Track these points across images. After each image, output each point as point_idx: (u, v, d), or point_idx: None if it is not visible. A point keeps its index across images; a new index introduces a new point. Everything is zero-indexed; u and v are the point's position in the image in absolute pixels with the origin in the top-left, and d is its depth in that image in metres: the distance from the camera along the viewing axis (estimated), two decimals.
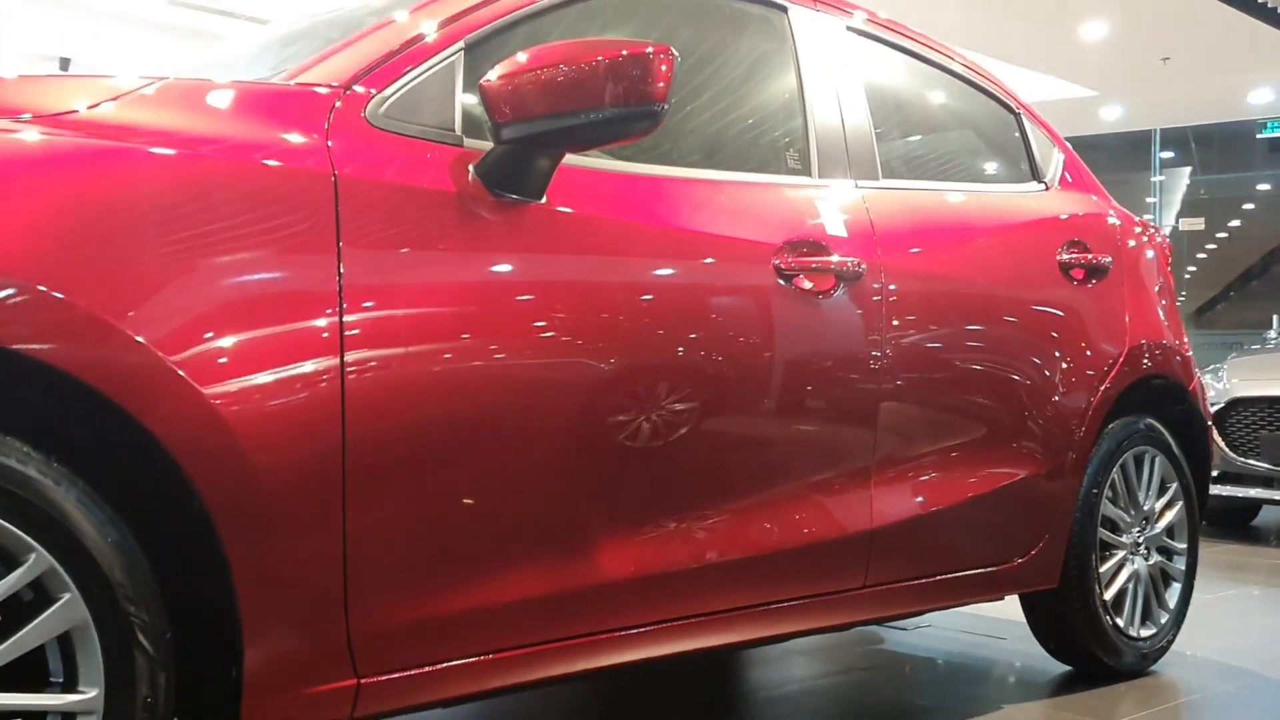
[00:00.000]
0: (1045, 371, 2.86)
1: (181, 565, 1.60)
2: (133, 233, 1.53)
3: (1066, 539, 2.93)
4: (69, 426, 1.52)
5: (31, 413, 1.48)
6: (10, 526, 1.40)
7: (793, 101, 2.54)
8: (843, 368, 2.39)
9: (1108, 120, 16.63)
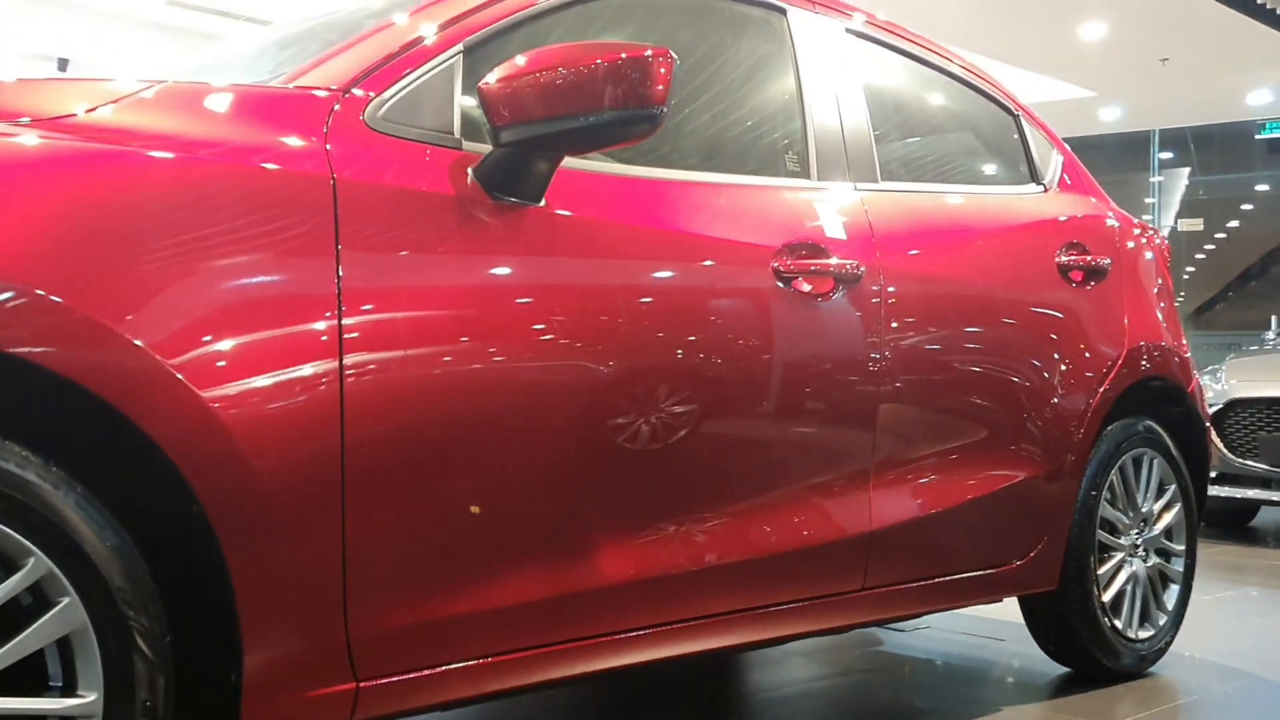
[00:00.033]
0: (1044, 373, 2.86)
1: (181, 569, 1.60)
2: (131, 236, 1.52)
3: (1065, 541, 2.93)
4: (68, 431, 1.51)
5: (30, 417, 1.48)
6: (9, 531, 1.40)
7: (792, 104, 2.54)
8: (842, 370, 2.39)
9: (1106, 121, 16.64)
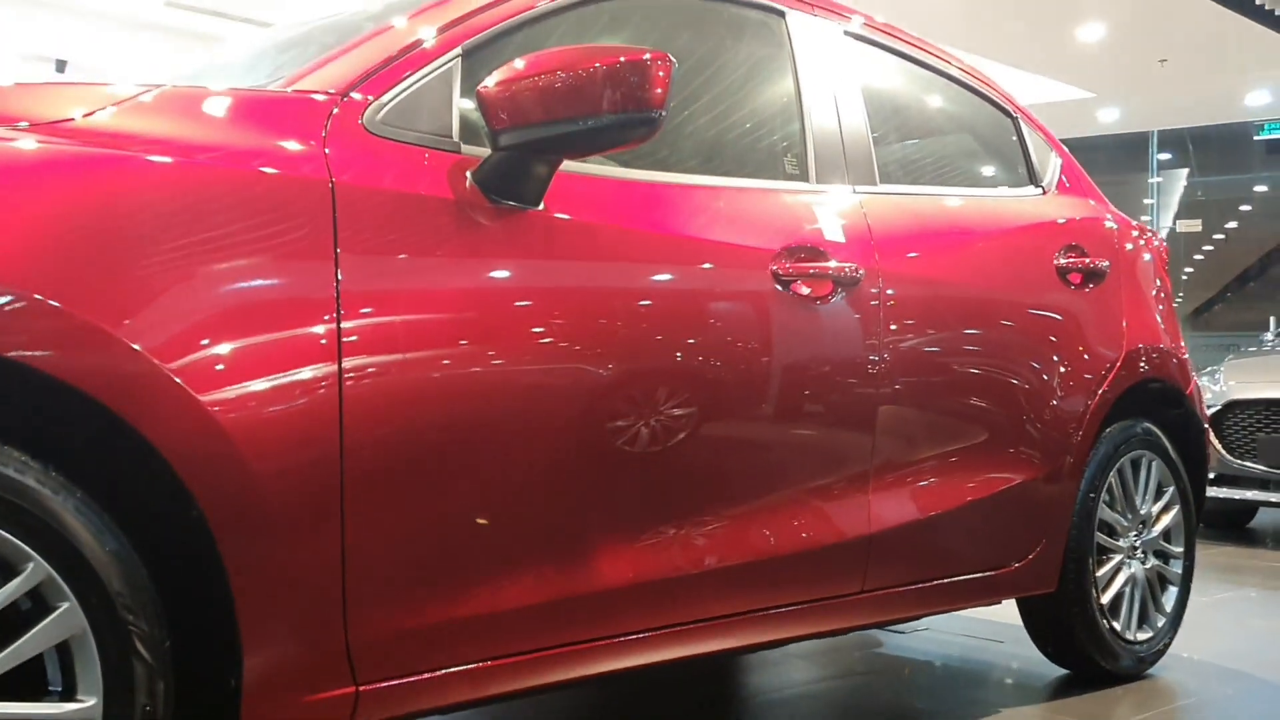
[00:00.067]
0: (1043, 376, 2.86)
1: (180, 573, 1.60)
2: (129, 240, 1.52)
3: (1064, 543, 2.93)
4: (67, 435, 1.51)
5: (29, 421, 1.48)
6: (8, 535, 1.40)
7: (790, 107, 2.54)
8: (841, 373, 2.39)
9: (1105, 122, 16.66)
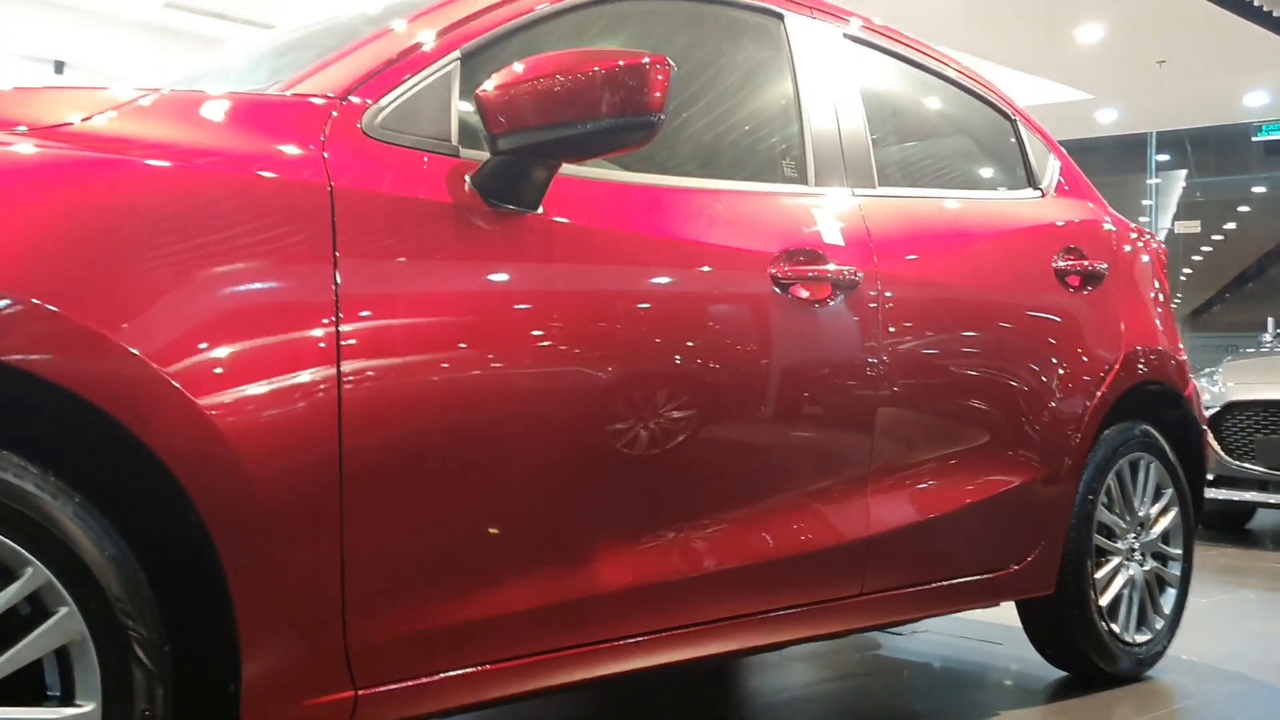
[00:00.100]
0: (1041, 378, 2.86)
1: (179, 577, 1.60)
2: (127, 245, 1.52)
3: (1062, 545, 2.93)
4: (65, 440, 1.51)
5: (27, 426, 1.48)
6: (7, 540, 1.40)
7: (789, 109, 2.54)
8: (839, 376, 2.39)
9: (1103, 123, 16.67)
